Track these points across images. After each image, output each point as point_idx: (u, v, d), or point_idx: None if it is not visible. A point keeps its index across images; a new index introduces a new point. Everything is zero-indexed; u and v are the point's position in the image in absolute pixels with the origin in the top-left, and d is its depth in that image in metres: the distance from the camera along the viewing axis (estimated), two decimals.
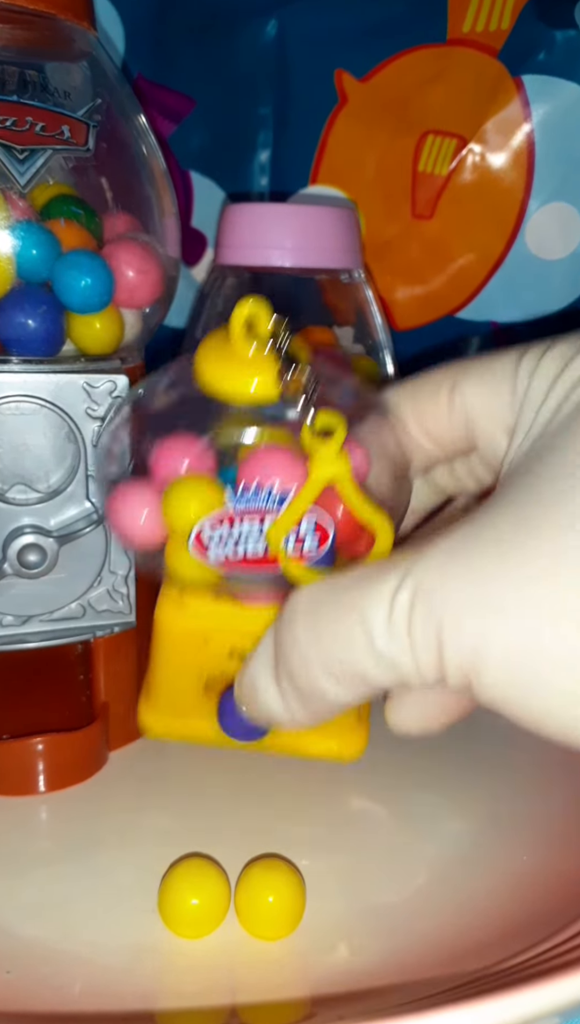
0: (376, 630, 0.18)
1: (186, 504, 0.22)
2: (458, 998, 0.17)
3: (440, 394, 0.22)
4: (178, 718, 0.27)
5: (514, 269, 0.40)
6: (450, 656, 0.17)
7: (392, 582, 0.18)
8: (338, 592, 0.19)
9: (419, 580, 0.17)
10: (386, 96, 0.40)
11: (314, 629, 0.19)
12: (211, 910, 0.22)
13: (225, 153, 0.43)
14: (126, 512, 0.22)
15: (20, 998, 0.20)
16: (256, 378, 0.21)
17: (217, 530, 0.21)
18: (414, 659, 0.18)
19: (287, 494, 0.21)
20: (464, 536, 0.18)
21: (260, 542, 0.21)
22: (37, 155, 0.26)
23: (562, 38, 0.37)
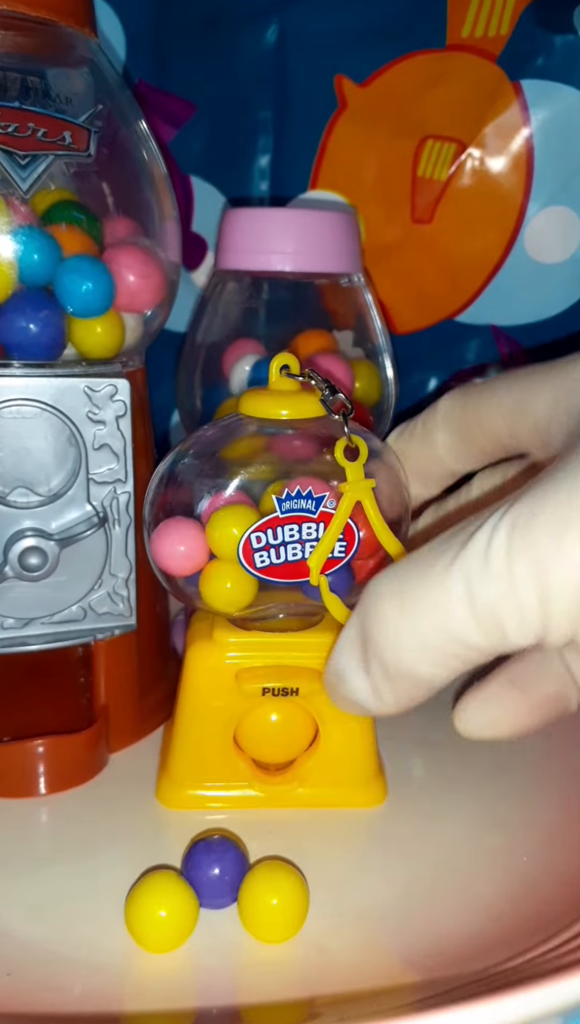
0: (474, 581, 0.18)
1: (229, 526, 0.24)
2: (460, 999, 0.17)
3: (420, 432, 0.26)
4: (199, 786, 0.27)
5: (513, 273, 0.40)
6: (555, 582, 0.17)
7: (483, 534, 0.18)
8: (423, 563, 0.19)
9: (513, 519, 0.17)
10: (386, 101, 0.40)
11: (402, 604, 0.19)
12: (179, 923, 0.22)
13: (225, 158, 0.43)
14: (168, 544, 0.25)
15: (21, 999, 0.20)
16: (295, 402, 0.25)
17: (263, 535, 0.24)
18: (516, 602, 0.17)
19: (322, 497, 0.24)
20: (549, 480, 0.18)
21: (298, 546, 0.24)
22: (39, 161, 0.26)
23: (561, 43, 0.37)
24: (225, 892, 0.23)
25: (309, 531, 0.24)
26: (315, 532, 0.24)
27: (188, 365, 0.39)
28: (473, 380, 0.43)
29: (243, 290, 0.38)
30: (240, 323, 0.38)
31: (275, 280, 0.37)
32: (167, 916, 0.22)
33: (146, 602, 0.30)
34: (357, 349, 0.38)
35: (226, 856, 0.24)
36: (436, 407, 0.27)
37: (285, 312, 0.37)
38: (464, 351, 0.43)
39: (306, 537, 0.24)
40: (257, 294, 0.38)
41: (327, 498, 0.24)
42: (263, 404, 0.25)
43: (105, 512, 0.28)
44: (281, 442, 0.26)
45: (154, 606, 0.32)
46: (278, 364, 0.26)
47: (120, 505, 0.28)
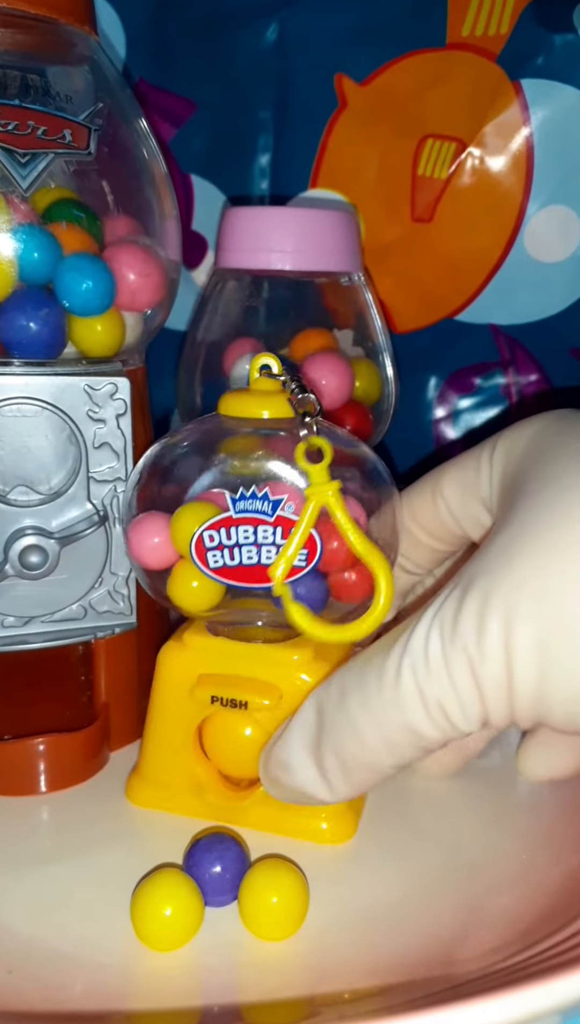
0: (419, 678, 0.20)
1: (189, 523, 0.24)
2: (459, 997, 0.17)
3: (425, 495, 0.27)
4: (166, 789, 0.27)
5: (513, 272, 0.40)
6: (484, 675, 0.19)
7: (420, 632, 0.20)
8: (379, 660, 0.21)
9: (442, 617, 0.20)
10: (386, 100, 0.40)
11: (365, 701, 0.21)
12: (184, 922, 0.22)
13: (225, 156, 0.43)
14: (142, 538, 0.25)
15: (22, 998, 0.20)
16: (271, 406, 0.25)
17: (216, 533, 0.23)
18: (457, 696, 0.19)
19: (279, 501, 0.23)
20: (469, 574, 0.20)
21: (253, 549, 0.24)
22: (39, 159, 0.26)
23: (561, 42, 0.37)
24: (226, 890, 0.23)
25: (265, 535, 0.23)
26: (271, 536, 0.23)
27: (188, 364, 0.39)
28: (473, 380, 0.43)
29: (243, 289, 0.38)
30: (240, 322, 0.38)
31: (275, 279, 0.37)
32: (173, 915, 0.22)
33: (146, 601, 0.30)
34: (357, 348, 0.38)
35: (227, 854, 0.24)
36: None
37: (285, 311, 0.37)
38: (464, 350, 0.43)
39: (262, 540, 0.23)
40: (257, 293, 0.38)
41: (285, 501, 0.23)
42: (241, 404, 0.25)
43: (105, 510, 0.28)
44: (257, 443, 0.25)
45: (154, 604, 0.32)
46: (258, 364, 0.25)
47: (120, 504, 0.28)
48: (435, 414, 0.44)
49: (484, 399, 0.44)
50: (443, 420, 0.44)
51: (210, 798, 0.27)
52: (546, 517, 0.19)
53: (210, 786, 0.27)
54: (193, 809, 0.27)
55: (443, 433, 0.44)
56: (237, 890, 0.23)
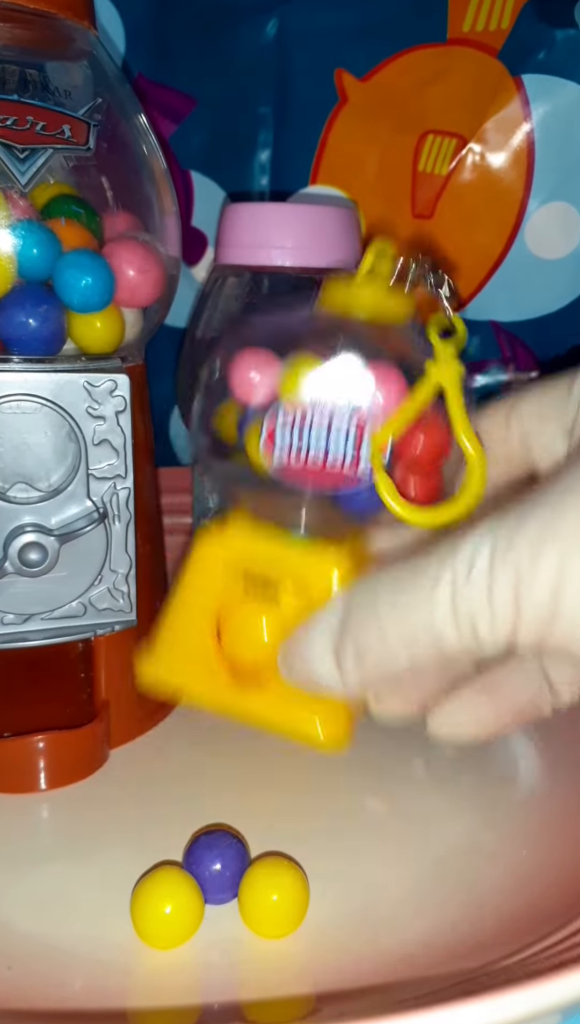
0: (458, 587, 0.19)
1: (297, 370, 0.22)
2: (460, 995, 0.17)
3: (497, 417, 0.25)
4: (177, 669, 0.26)
5: (514, 269, 0.40)
6: (526, 603, 0.18)
7: (469, 545, 0.19)
8: (416, 567, 0.20)
9: (496, 537, 0.19)
10: (386, 95, 0.40)
11: (395, 601, 0.20)
12: (184, 919, 0.22)
13: (225, 152, 0.43)
14: (244, 371, 0.23)
15: (21, 995, 0.20)
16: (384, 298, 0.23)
17: (289, 417, 0.22)
18: (492, 611, 0.19)
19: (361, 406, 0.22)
20: (532, 502, 0.19)
21: (322, 443, 0.22)
22: (38, 154, 0.26)
23: (562, 37, 0.37)
24: (226, 887, 0.23)
25: (337, 433, 0.22)
26: (344, 438, 0.22)
27: (189, 361, 0.39)
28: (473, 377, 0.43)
29: (243, 285, 0.37)
30: (240, 319, 0.37)
31: (275, 275, 0.37)
32: (173, 912, 0.22)
33: (146, 598, 0.30)
34: None
35: (227, 851, 0.24)
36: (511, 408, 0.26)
37: (285, 308, 0.37)
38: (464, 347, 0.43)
39: (333, 439, 0.22)
40: (257, 289, 0.38)
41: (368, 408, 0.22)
42: (347, 297, 0.24)
43: (105, 508, 0.28)
44: (354, 338, 0.23)
45: (154, 602, 0.32)
46: (374, 252, 0.23)
47: (120, 501, 0.28)
48: None
49: (484, 396, 0.44)
50: None
51: (218, 683, 0.26)
52: None
53: (219, 673, 0.26)
54: (198, 693, 0.26)
55: None
56: (237, 888, 0.23)
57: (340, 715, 0.26)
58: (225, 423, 0.24)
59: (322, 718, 0.25)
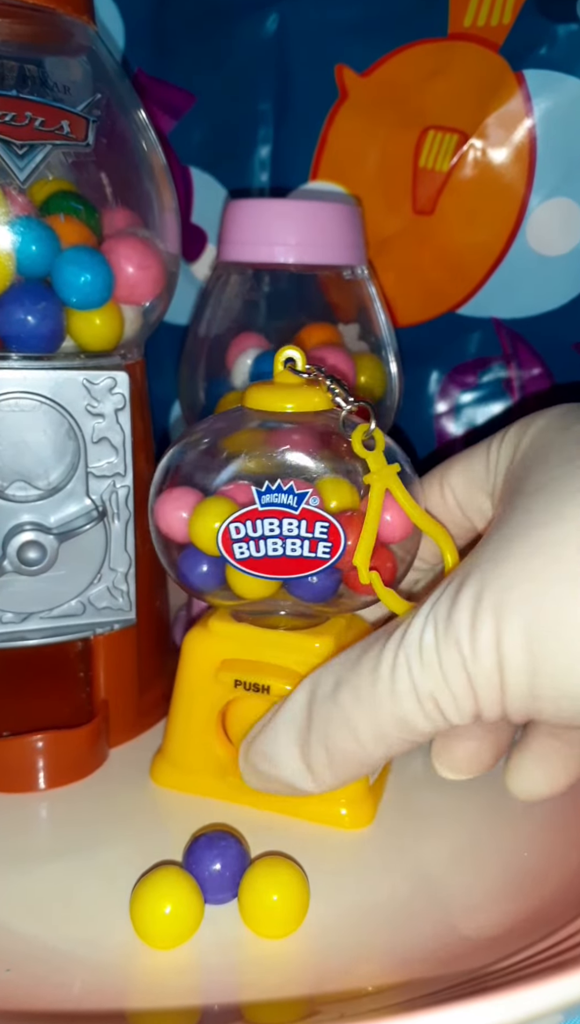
0: (415, 674, 0.20)
1: (210, 519, 0.24)
2: (460, 996, 0.17)
3: (433, 487, 0.27)
4: (191, 772, 0.28)
5: (515, 265, 0.40)
6: (477, 680, 0.19)
7: (415, 628, 0.20)
8: (374, 653, 0.21)
9: (436, 614, 0.20)
10: (387, 91, 0.40)
11: (359, 696, 0.21)
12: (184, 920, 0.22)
13: (225, 148, 0.43)
14: (169, 511, 0.25)
15: (20, 996, 0.20)
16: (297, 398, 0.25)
17: (242, 527, 0.24)
18: (451, 692, 0.20)
19: (304, 494, 0.24)
20: (463, 572, 0.20)
21: (278, 542, 0.24)
22: (36, 150, 0.26)
23: (564, 32, 0.37)
24: (226, 887, 0.23)
25: (290, 527, 0.24)
26: (296, 529, 0.24)
27: (190, 358, 0.38)
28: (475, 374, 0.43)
29: (245, 282, 0.37)
30: (243, 316, 0.37)
31: (278, 272, 0.36)
32: (172, 912, 0.22)
33: (145, 597, 0.30)
34: (361, 343, 0.38)
35: (228, 851, 0.24)
36: None
37: (288, 305, 0.37)
38: (466, 344, 0.43)
39: (286, 533, 0.24)
40: (260, 286, 0.37)
41: (309, 495, 0.24)
42: (266, 397, 0.25)
43: (104, 506, 0.28)
44: (282, 436, 0.25)
45: (154, 601, 0.32)
46: (282, 357, 0.26)
47: (119, 499, 0.28)
48: (436, 408, 0.44)
49: (486, 393, 0.43)
50: (444, 415, 0.44)
51: (232, 780, 0.27)
52: (539, 517, 0.20)
53: (232, 768, 0.27)
54: (215, 791, 0.27)
55: (444, 427, 0.44)
56: (237, 888, 0.23)
57: (362, 794, 0.27)
58: None
59: (345, 799, 0.26)
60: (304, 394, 0.25)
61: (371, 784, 0.27)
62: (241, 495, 0.25)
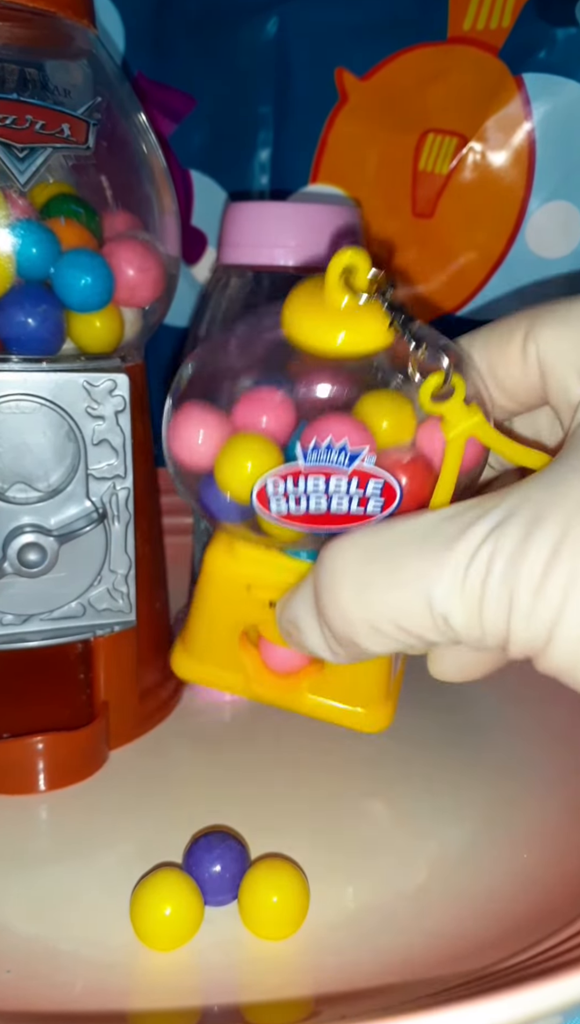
0: (446, 599, 0.17)
1: (244, 462, 0.21)
2: (460, 997, 0.17)
3: (513, 342, 0.21)
4: (210, 665, 0.26)
5: (515, 268, 0.40)
6: (519, 630, 0.17)
7: (463, 551, 0.17)
8: (396, 555, 0.18)
9: (495, 550, 0.17)
10: (386, 94, 0.40)
11: (363, 594, 0.19)
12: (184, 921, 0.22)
13: (225, 152, 0.43)
14: (184, 432, 0.22)
15: (21, 997, 0.20)
16: (350, 330, 0.20)
17: (281, 485, 0.21)
18: (481, 630, 0.17)
19: (358, 454, 0.20)
20: (542, 502, 0.17)
21: (323, 498, 0.21)
22: (37, 153, 0.26)
23: (563, 36, 0.37)
24: (226, 889, 0.23)
25: (337, 485, 0.21)
26: (345, 487, 0.21)
27: None
28: None
29: (246, 285, 0.37)
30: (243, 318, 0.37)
31: (278, 275, 0.37)
32: (172, 914, 0.22)
33: (145, 599, 0.30)
34: None
35: (228, 853, 0.24)
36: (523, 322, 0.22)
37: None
38: None
39: (333, 491, 0.21)
40: (260, 289, 0.37)
41: (365, 454, 0.20)
42: (319, 330, 0.20)
43: (104, 508, 0.28)
44: (327, 375, 0.21)
45: (154, 603, 0.32)
46: (338, 267, 0.19)
47: (119, 501, 0.28)
48: None
49: None
50: None
51: (256, 689, 0.26)
52: None
53: (256, 678, 0.26)
54: (238, 687, 0.26)
55: None
56: (237, 889, 0.23)
57: (378, 695, 0.25)
58: None
59: (363, 705, 0.25)
60: (362, 325, 0.20)
61: (392, 679, 0.26)
62: (274, 410, 0.21)
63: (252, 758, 0.30)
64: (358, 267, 0.19)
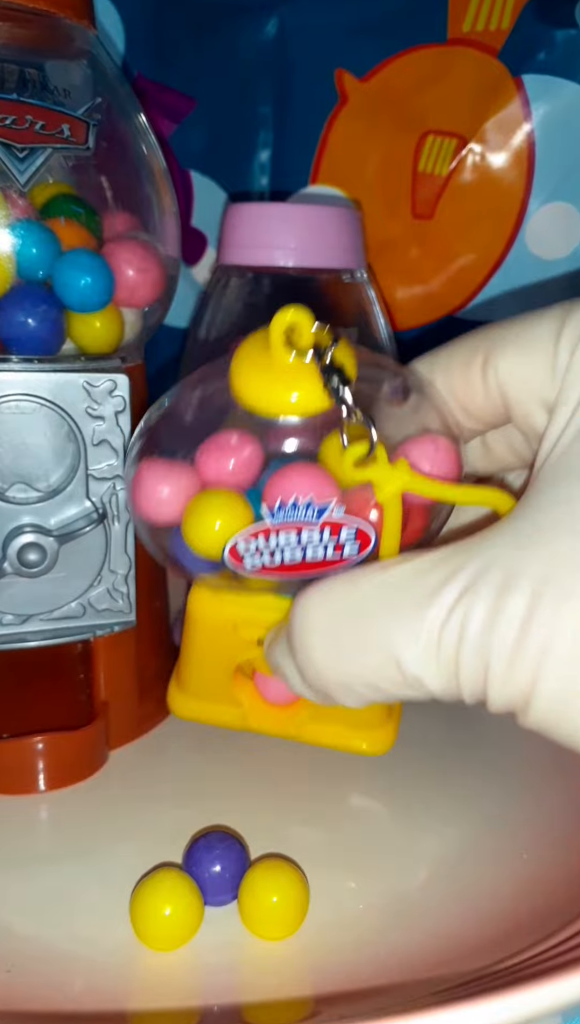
0: (419, 664, 0.17)
1: (212, 521, 0.21)
2: (460, 997, 0.17)
3: (473, 366, 0.20)
4: (206, 702, 0.27)
5: (515, 269, 0.40)
6: (496, 694, 0.17)
7: (435, 617, 0.17)
8: (364, 618, 0.18)
9: (467, 617, 0.17)
10: (386, 96, 0.40)
11: (335, 657, 0.19)
12: (184, 921, 0.22)
13: (225, 152, 0.43)
14: (147, 487, 0.21)
15: (20, 997, 0.20)
16: (297, 391, 0.20)
17: (253, 543, 0.21)
18: (459, 691, 0.17)
19: (325, 507, 0.20)
20: (511, 562, 0.16)
21: (297, 550, 0.21)
22: (37, 154, 0.26)
23: (562, 37, 0.37)
24: (226, 889, 0.23)
25: (310, 537, 0.21)
26: (317, 538, 0.21)
27: (190, 361, 0.38)
28: None
29: (245, 286, 0.37)
30: (243, 319, 0.37)
31: (278, 276, 0.37)
32: (172, 914, 0.22)
33: (145, 599, 0.30)
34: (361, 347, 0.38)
35: (227, 853, 0.24)
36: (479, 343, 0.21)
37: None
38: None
39: (306, 543, 0.21)
40: (259, 290, 0.37)
41: (333, 506, 0.20)
42: (266, 394, 0.21)
43: (104, 508, 0.28)
44: (281, 433, 0.21)
45: (153, 602, 0.32)
46: (281, 326, 0.20)
47: (119, 501, 0.28)
48: None
49: None
50: None
51: (254, 722, 0.26)
52: None
53: (252, 715, 0.26)
54: (236, 722, 0.27)
55: None
56: (237, 889, 0.23)
57: (382, 720, 0.26)
58: None
59: (363, 728, 0.26)
60: (309, 384, 0.20)
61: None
62: (239, 454, 0.21)
63: (252, 758, 0.30)
64: (300, 325, 0.20)
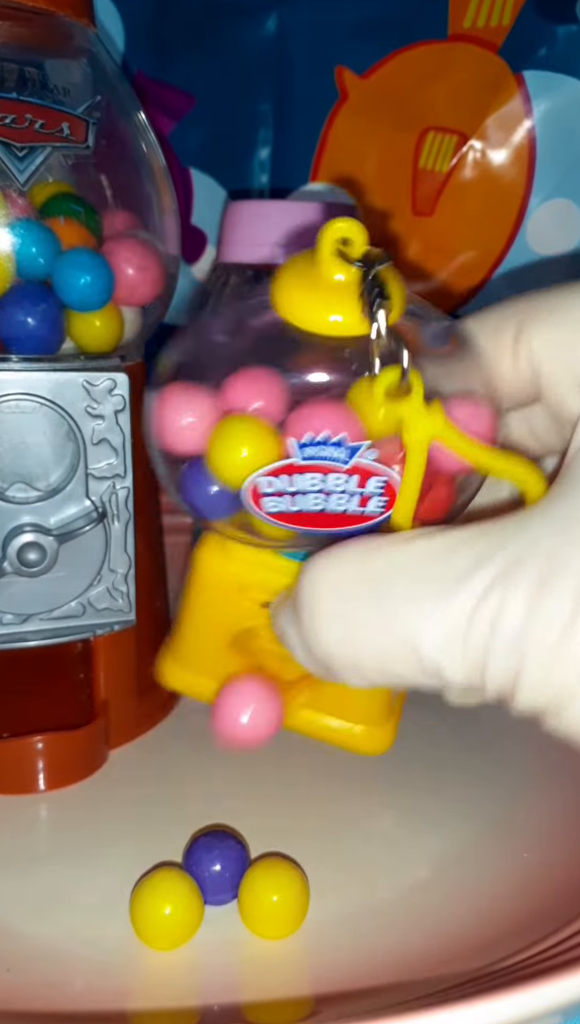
0: (442, 653, 0.16)
1: (239, 447, 0.19)
2: (460, 997, 0.17)
3: (502, 340, 0.19)
4: (199, 675, 0.25)
5: (515, 266, 0.40)
6: (527, 696, 0.15)
7: (464, 603, 0.15)
8: (383, 594, 0.17)
9: (502, 608, 0.15)
10: (387, 92, 0.40)
11: (346, 634, 0.17)
12: (184, 921, 0.22)
13: (225, 150, 0.43)
14: (169, 414, 0.20)
15: (20, 997, 0.20)
16: (340, 309, 0.18)
17: (275, 482, 0.19)
18: (483, 686, 0.16)
19: (358, 447, 0.18)
20: (553, 552, 0.15)
21: (320, 497, 0.19)
22: (36, 152, 0.26)
23: (563, 33, 0.37)
24: (226, 888, 0.23)
25: (336, 482, 0.19)
26: (343, 484, 0.19)
27: None
28: None
29: (245, 283, 0.37)
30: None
31: None
32: (172, 913, 0.22)
33: (145, 598, 0.30)
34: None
35: (227, 852, 0.24)
36: None
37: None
38: None
39: (332, 488, 0.19)
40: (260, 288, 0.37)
41: (364, 449, 0.18)
42: (308, 310, 0.18)
43: (104, 507, 0.28)
44: (319, 358, 0.20)
45: (153, 602, 0.32)
46: (332, 236, 0.18)
47: (119, 500, 0.28)
48: None
49: None
50: None
51: None
52: None
53: None
54: None
55: None
56: (237, 889, 0.23)
57: (377, 715, 0.25)
58: None
59: (362, 725, 0.24)
60: (352, 304, 0.18)
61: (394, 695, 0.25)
62: (269, 390, 0.19)
63: (252, 757, 0.30)
64: (353, 238, 0.18)
